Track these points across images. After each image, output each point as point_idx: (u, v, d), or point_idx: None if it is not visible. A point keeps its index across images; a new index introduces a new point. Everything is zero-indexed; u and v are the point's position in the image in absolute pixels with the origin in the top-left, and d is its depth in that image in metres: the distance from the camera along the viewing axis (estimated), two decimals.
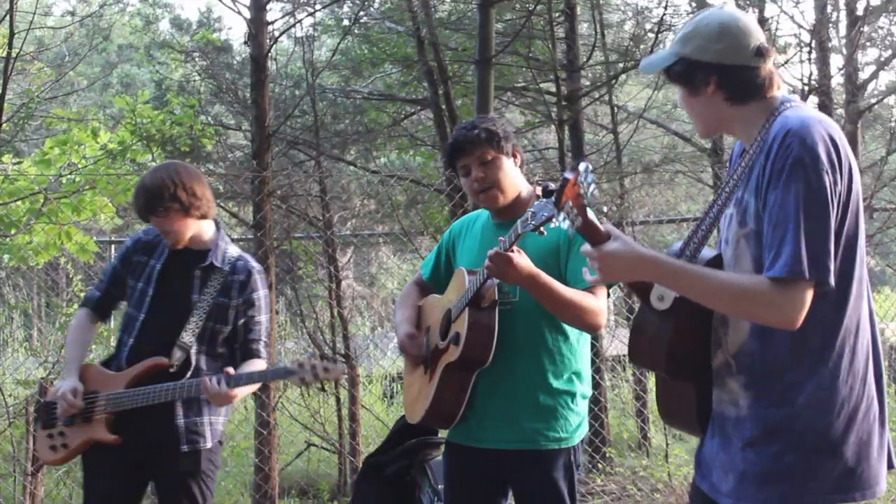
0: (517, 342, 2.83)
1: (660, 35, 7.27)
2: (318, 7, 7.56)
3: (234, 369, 3.13)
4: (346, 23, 8.20)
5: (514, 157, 2.96)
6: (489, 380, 2.85)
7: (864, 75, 8.29)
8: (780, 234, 1.96)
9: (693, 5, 8.08)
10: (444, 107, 6.57)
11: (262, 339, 3.31)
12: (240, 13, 5.83)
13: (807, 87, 7.22)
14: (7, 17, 5.05)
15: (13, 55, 5.05)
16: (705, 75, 2.11)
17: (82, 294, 6.06)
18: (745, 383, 2.11)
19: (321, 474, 6.67)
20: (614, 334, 7.31)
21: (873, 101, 8.29)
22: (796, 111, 2.09)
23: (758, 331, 2.08)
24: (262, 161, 5.68)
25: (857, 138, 7.46)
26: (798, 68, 10.86)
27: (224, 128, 7.95)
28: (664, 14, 7.22)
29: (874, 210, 7.05)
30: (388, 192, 7.54)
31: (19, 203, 5.88)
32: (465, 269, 2.92)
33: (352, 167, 8.65)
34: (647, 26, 7.92)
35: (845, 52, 7.93)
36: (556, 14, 7.21)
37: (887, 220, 7.05)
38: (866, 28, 8.11)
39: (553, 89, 7.24)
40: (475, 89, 6.10)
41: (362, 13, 7.91)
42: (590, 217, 2.06)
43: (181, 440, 3.19)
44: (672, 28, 7.92)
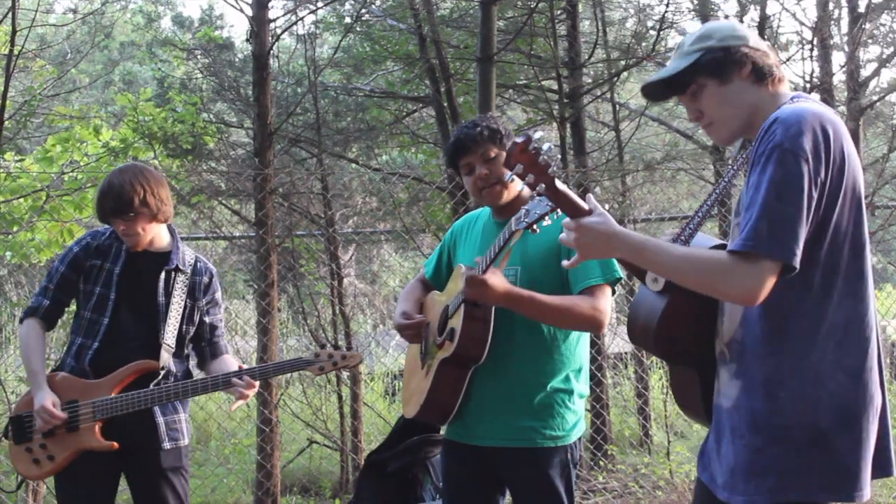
0: (514, 339, 2.83)
1: (661, 32, 7.27)
2: (319, 4, 7.56)
3: (201, 367, 3.28)
4: (347, 20, 8.20)
5: None
6: (486, 377, 2.85)
7: (865, 72, 8.28)
8: (750, 213, 1.97)
9: (695, 2, 8.07)
10: (445, 104, 6.57)
11: (224, 336, 3.44)
12: (242, 11, 5.82)
13: (808, 85, 7.22)
14: (9, 15, 5.05)
15: (15, 52, 5.04)
16: (740, 56, 2.15)
17: None
18: (734, 372, 2.11)
19: (323, 471, 6.67)
20: (616, 332, 7.30)
21: (875, 98, 8.28)
22: (797, 103, 2.10)
23: (743, 318, 2.08)
24: (263, 159, 5.68)
25: (859, 136, 7.45)
26: (800, 65, 10.88)
27: (226, 125, 7.93)
28: (666, 11, 7.22)
29: (876, 207, 7.05)
30: (390, 189, 7.55)
31: (21, 200, 5.88)
32: (463, 266, 2.92)
33: (354, 165, 8.65)
34: (649, 23, 7.93)
35: (847, 49, 7.91)
36: (558, 11, 7.21)
37: (889, 217, 7.05)
38: (868, 25, 8.10)
39: (555, 87, 7.25)
40: (477, 87, 6.10)
41: (364, 11, 7.90)
42: (559, 186, 2.07)
43: (163, 438, 3.21)
44: (674, 25, 7.91)
